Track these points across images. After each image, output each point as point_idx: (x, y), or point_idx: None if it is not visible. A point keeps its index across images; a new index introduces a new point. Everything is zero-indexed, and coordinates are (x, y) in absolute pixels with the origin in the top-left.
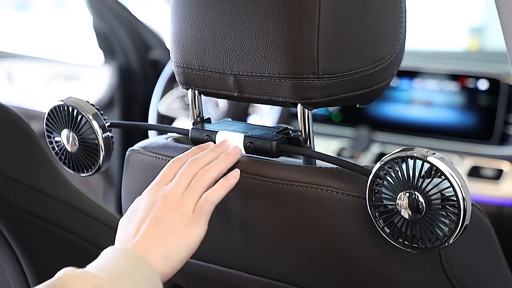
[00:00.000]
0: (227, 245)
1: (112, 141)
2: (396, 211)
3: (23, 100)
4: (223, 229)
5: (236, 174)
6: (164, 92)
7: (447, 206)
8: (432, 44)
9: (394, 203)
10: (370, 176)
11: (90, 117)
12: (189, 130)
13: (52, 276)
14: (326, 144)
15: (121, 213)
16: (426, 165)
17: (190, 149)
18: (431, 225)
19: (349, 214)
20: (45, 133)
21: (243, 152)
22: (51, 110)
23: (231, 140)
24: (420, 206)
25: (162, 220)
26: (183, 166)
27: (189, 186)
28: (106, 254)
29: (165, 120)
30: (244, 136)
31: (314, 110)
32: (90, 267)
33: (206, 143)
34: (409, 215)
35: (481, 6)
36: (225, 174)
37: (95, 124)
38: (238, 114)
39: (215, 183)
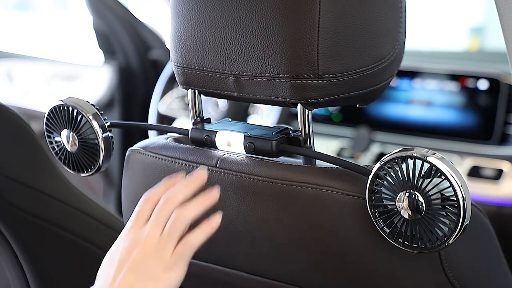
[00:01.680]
0: (227, 245)
1: (112, 141)
2: (396, 211)
3: (23, 100)
4: (223, 229)
5: (218, 219)
6: (164, 92)
7: (447, 206)
8: (432, 44)
9: (394, 203)
10: (370, 176)
11: (90, 117)
12: (189, 130)
13: (52, 276)
14: (326, 144)
15: (121, 213)
16: (426, 165)
17: (162, 184)
18: (431, 225)
19: (349, 214)
20: (45, 133)
21: (243, 152)
22: (51, 110)
23: (231, 140)
24: (420, 206)
25: (140, 266)
26: (158, 206)
27: (165, 230)
28: None
29: (165, 120)
30: (244, 136)
31: (314, 110)
32: None
33: (177, 175)
34: (409, 215)
35: (481, 6)
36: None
37: (95, 124)
38: (238, 114)
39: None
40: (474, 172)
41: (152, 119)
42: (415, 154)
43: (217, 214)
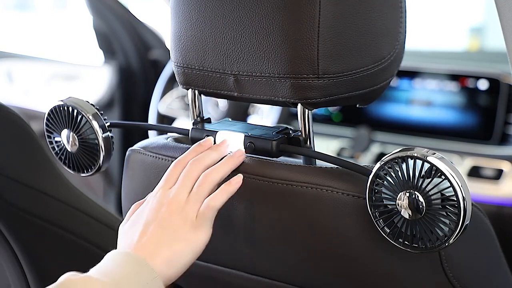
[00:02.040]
0: (228, 245)
1: (112, 141)
2: (396, 211)
3: (23, 100)
4: (223, 229)
5: (238, 179)
6: (164, 92)
7: (447, 206)
8: (432, 44)
9: (394, 203)
10: (370, 176)
11: (90, 117)
12: (189, 130)
13: (52, 276)
14: (326, 144)
15: (121, 213)
16: (426, 165)
17: (191, 148)
18: (431, 225)
19: (349, 214)
20: (45, 133)
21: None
22: (51, 110)
23: (231, 140)
24: (420, 206)
25: (167, 225)
26: (185, 168)
27: (192, 191)
28: (109, 258)
29: (165, 120)
30: (244, 136)
31: (314, 110)
32: (93, 271)
33: (206, 139)
34: (409, 215)
35: (481, 6)
36: (227, 177)
37: (95, 124)
38: (238, 114)
39: (217, 186)
40: (474, 172)
41: (152, 119)
42: (415, 154)
43: (238, 175)
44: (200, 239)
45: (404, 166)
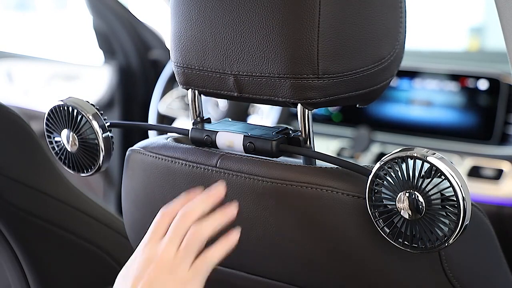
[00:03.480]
0: None
1: (112, 141)
2: (396, 211)
3: (23, 100)
4: (223, 229)
5: (236, 236)
6: (164, 92)
7: (447, 206)
8: (432, 44)
9: (394, 203)
10: (370, 176)
11: (90, 117)
12: (189, 130)
13: (52, 276)
14: (326, 144)
15: (121, 213)
16: (426, 165)
17: (179, 199)
18: (431, 225)
19: (349, 214)
20: (45, 133)
21: (243, 152)
22: (51, 110)
23: (231, 140)
24: (420, 206)
25: (155, 284)
26: (174, 221)
27: (181, 247)
28: None
29: (165, 120)
30: (244, 136)
31: (314, 110)
32: None
33: (194, 190)
34: (409, 215)
35: (481, 6)
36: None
37: (95, 124)
38: (238, 114)
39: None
40: (474, 172)
41: (152, 119)
42: (415, 154)
43: (235, 230)
44: None
45: (404, 166)
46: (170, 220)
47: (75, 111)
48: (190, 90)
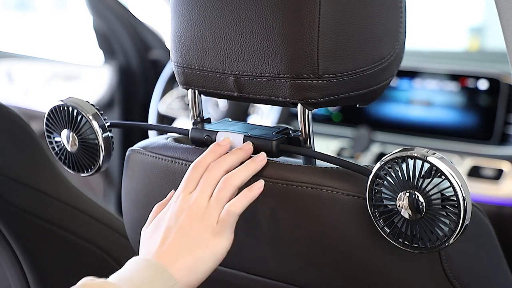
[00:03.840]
0: None
1: (112, 141)
2: (396, 211)
3: (23, 100)
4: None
5: (260, 185)
6: (164, 92)
7: (447, 206)
8: (432, 44)
9: (394, 203)
10: (370, 176)
11: (90, 117)
12: (189, 130)
13: (52, 276)
14: (326, 144)
15: (121, 213)
16: (426, 165)
17: (209, 149)
18: (431, 225)
19: (349, 214)
20: (45, 133)
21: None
22: (51, 110)
23: (231, 140)
24: (420, 206)
25: (188, 231)
26: (205, 172)
27: (213, 196)
28: (130, 264)
29: (165, 120)
30: (244, 136)
31: (314, 110)
32: (112, 277)
33: (224, 139)
34: (409, 215)
35: (481, 6)
36: (248, 181)
37: (95, 124)
38: (238, 114)
39: (238, 191)
40: (474, 172)
41: (152, 119)
42: (415, 154)
43: (260, 181)
44: (221, 245)
45: (404, 166)
46: (202, 172)
47: (75, 111)
48: (190, 90)
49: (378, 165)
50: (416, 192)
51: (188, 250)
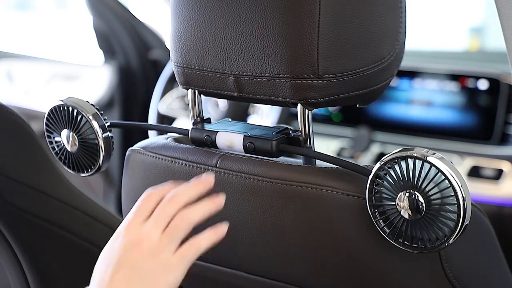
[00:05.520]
0: (227, 245)
1: (112, 141)
2: (396, 211)
3: (23, 100)
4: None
5: (224, 228)
6: (164, 92)
7: (447, 206)
8: (432, 44)
9: (394, 203)
10: (370, 176)
11: (90, 117)
12: (189, 130)
13: (52, 276)
14: (326, 144)
15: (121, 213)
16: (426, 165)
17: (166, 184)
18: (431, 225)
19: (349, 214)
20: (45, 133)
21: (243, 152)
22: (51, 110)
23: (231, 140)
24: (420, 206)
25: (138, 267)
26: (161, 204)
27: (167, 231)
28: None
29: (165, 120)
30: (244, 136)
31: (314, 110)
32: None
33: (181, 180)
34: (409, 215)
35: (481, 6)
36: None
37: (95, 124)
38: (238, 114)
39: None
40: (474, 172)
41: (152, 119)
42: (415, 154)
43: (224, 223)
44: (172, 280)
45: (404, 166)
46: (156, 201)
47: (75, 111)
48: (190, 90)
49: (378, 165)
50: (416, 192)
51: (137, 287)
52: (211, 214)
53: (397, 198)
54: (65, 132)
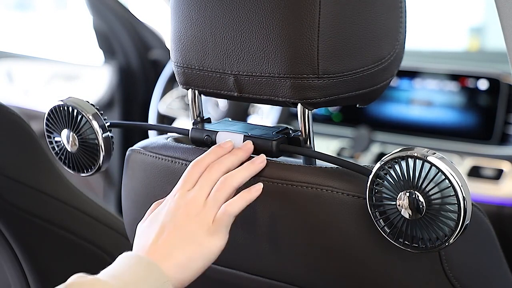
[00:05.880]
0: (227, 245)
1: (112, 141)
2: (396, 211)
3: (23, 100)
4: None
5: (259, 187)
6: (164, 92)
7: (447, 206)
8: (432, 44)
9: (394, 203)
10: (370, 176)
11: (90, 117)
12: (189, 130)
13: (52, 276)
14: (326, 144)
15: (121, 213)
16: (426, 165)
17: (210, 150)
18: (431, 225)
19: (349, 214)
20: (45, 133)
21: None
22: (51, 110)
23: (231, 140)
24: (420, 206)
25: (183, 228)
26: (205, 171)
27: (210, 195)
28: (121, 260)
29: (165, 120)
30: (244, 136)
31: (314, 110)
32: (103, 273)
33: (226, 142)
34: (409, 215)
35: (481, 6)
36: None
37: (95, 124)
38: (238, 114)
39: (236, 192)
40: (474, 172)
41: (152, 119)
42: (415, 154)
43: (259, 183)
44: (215, 245)
45: (404, 166)
46: (201, 171)
47: (75, 111)
48: (190, 90)
49: (378, 165)
50: (416, 192)
51: (181, 247)
52: (253, 175)
53: (397, 198)
54: (65, 132)
